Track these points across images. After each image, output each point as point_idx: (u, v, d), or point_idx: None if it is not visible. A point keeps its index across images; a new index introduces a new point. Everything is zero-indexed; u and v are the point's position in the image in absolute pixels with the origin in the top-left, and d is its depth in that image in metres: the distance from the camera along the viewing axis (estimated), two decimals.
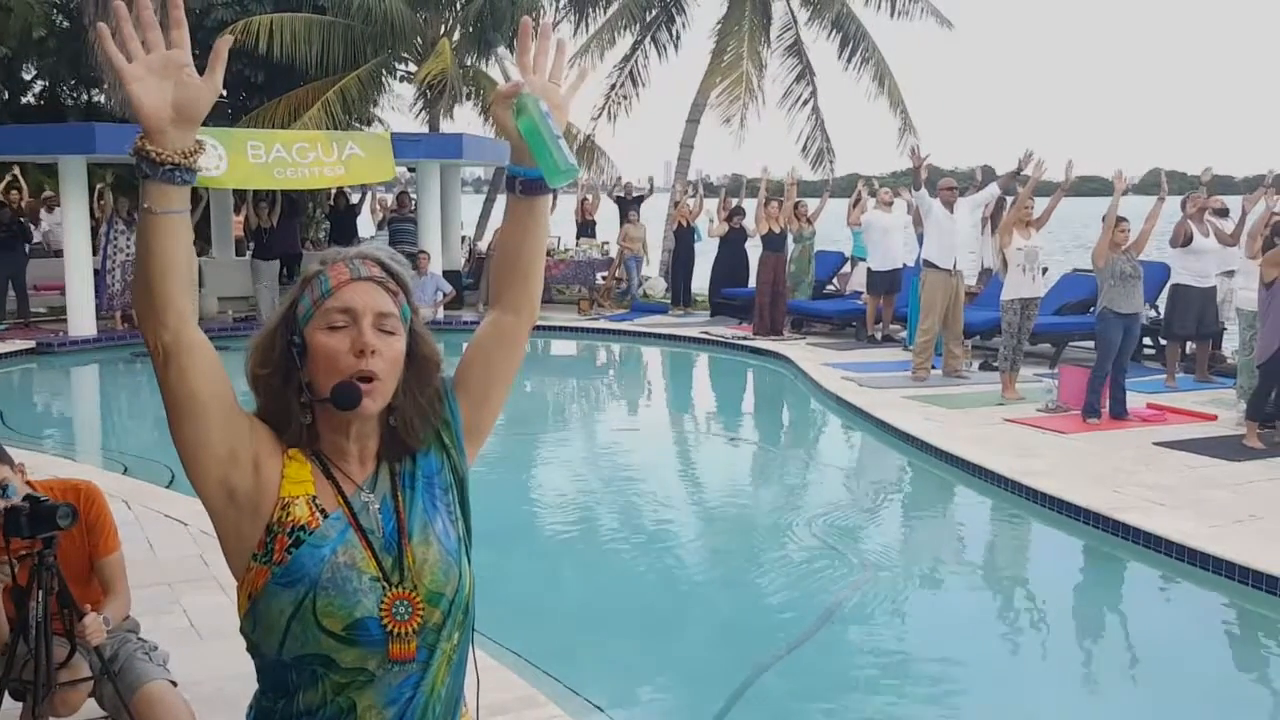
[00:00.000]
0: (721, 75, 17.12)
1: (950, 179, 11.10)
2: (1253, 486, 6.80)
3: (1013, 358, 9.59)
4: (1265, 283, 7.61)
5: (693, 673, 4.67)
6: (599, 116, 19.11)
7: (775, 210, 13.79)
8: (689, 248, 16.27)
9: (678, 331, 14.45)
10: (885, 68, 17.67)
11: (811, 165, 18.32)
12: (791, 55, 18.21)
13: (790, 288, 13.98)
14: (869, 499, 7.50)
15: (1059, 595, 5.84)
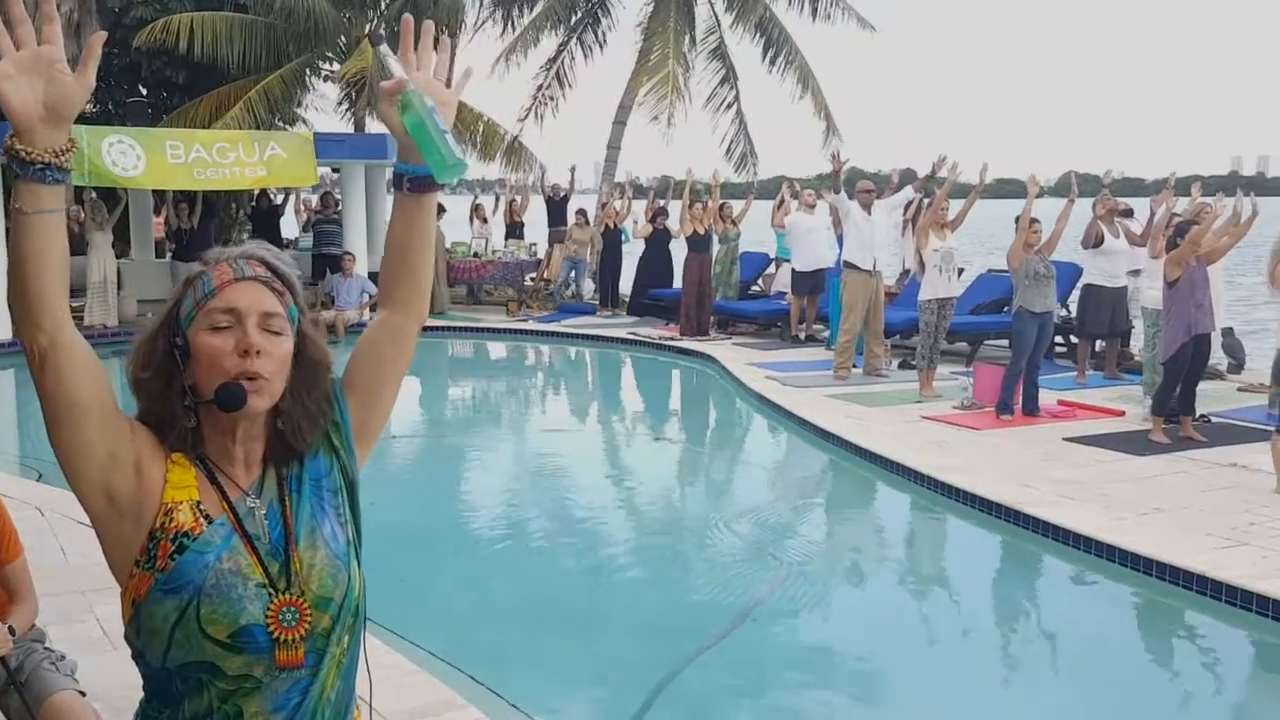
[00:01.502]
0: (648, 75, 17.20)
1: (868, 182, 11.30)
2: (1157, 480, 7.03)
3: (930, 356, 9.80)
4: (1168, 282, 7.87)
5: (614, 671, 4.71)
6: (525, 117, 19.10)
7: (700, 212, 13.92)
8: (616, 249, 16.35)
9: (605, 332, 14.50)
10: (808, 70, 17.88)
11: (735, 168, 18.50)
12: (716, 59, 18.36)
13: (715, 289, 14.14)
14: (790, 497, 7.62)
15: (973, 588, 5.97)
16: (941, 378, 10.24)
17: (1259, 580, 5.15)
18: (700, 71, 18.42)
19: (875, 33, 18.16)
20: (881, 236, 10.91)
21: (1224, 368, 10.67)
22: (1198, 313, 7.75)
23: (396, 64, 1.57)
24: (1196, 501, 6.52)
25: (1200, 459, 7.54)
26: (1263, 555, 5.52)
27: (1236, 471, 7.18)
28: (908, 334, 11.89)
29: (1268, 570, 5.29)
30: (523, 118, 19.20)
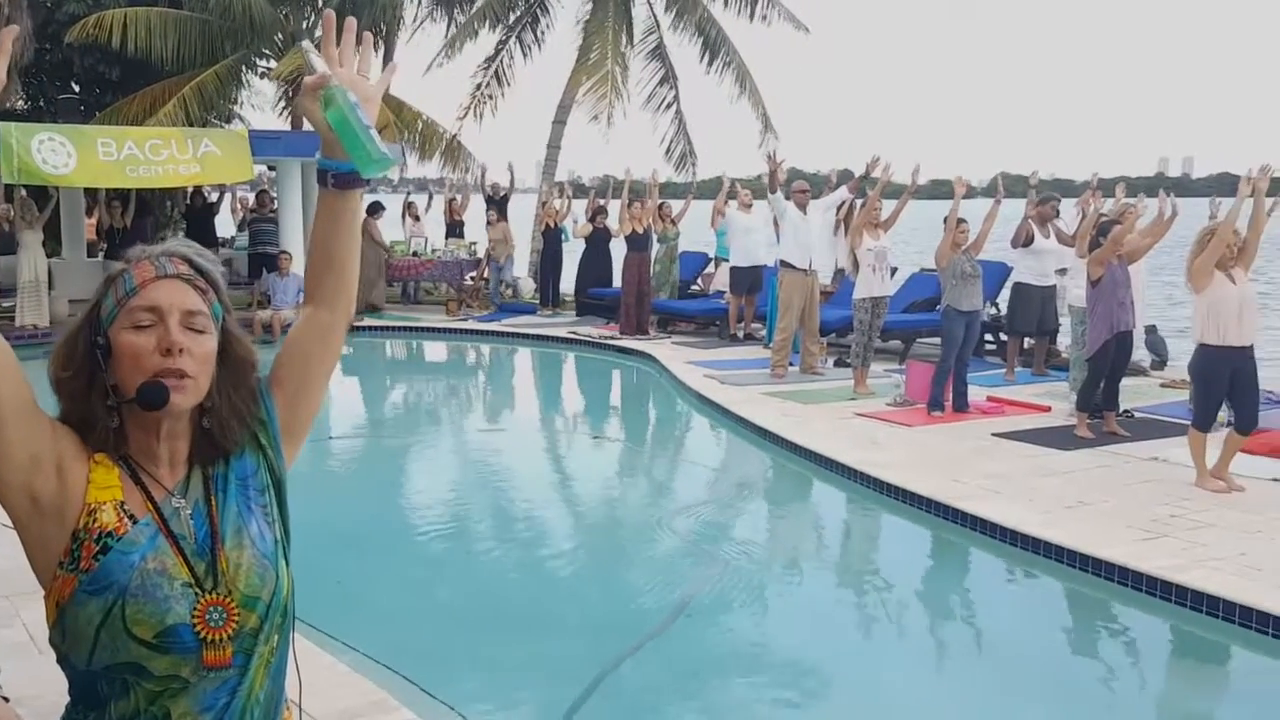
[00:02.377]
0: (587, 74, 17.23)
1: (803, 182, 11.43)
2: (1082, 474, 7.21)
3: (864, 354, 9.96)
4: (1091, 280, 8.08)
5: (551, 669, 4.72)
6: (464, 116, 19.04)
7: (639, 211, 13.99)
8: (557, 248, 16.36)
9: (546, 331, 14.52)
10: (746, 71, 18.02)
11: (675, 168, 18.58)
12: (655, 59, 18.43)
13: (655, 288, 14.22)
14: (727, 493, 7.70)
15: (905, 581, 6.07)
16: (875, 375, 10.40)
17: (1178, 571, 5.31)
18: (640, 71, 18.51)
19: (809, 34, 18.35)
20: (817, 236, 11.06)
21: (1147, 364, 10.97)
22: (1120, 310, 7.97)
23: (319, 60, 1.56)
24: (1119, 495, 6.70)
25: (1123, 453, 7.75)
26: (1182, 547, 5.70)
27: (1158, 465, 7.39)
28: (843, 332, 12.05)
29: (1186, 561, 5.45)
30: (461, 116, 19.14)
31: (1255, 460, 7.26)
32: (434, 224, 18.67)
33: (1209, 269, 6.64)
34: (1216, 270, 6.65)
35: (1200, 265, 6.67)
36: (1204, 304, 6.70)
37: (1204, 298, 6.69)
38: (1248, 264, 6.83)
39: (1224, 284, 6.64)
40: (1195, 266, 6.71)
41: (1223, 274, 6.66)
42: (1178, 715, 4.64)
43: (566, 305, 16.41)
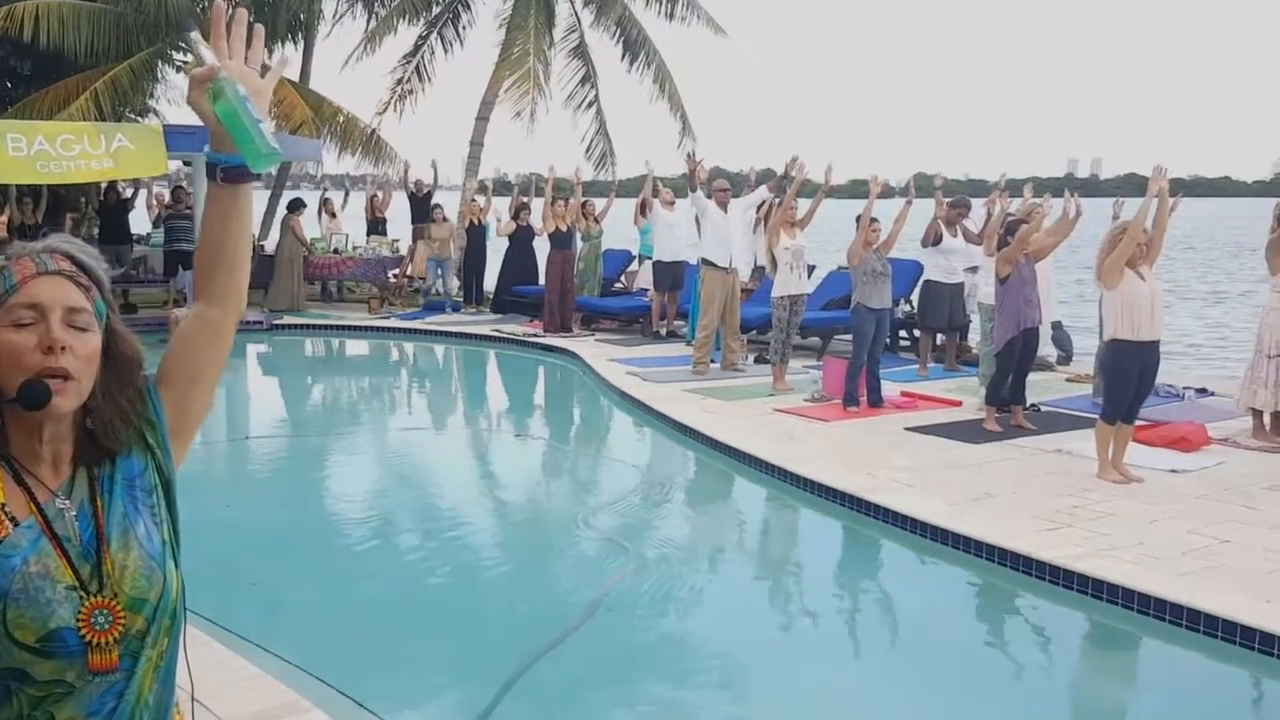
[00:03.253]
0: (509, 70, 17.20)
1: (724, 181, 11.57)
2: (990, 466, 7.41)
3: (782, 351, 10.12)
4: (999, 278, 8.31)
5: (469, 667, 4.73)
6: (384, 111, 18.87)
7: (562, 209, 14.02)
8: (480, 246, 16.33)
9: (469, 329, 14.48)
10: (666, 71, 18.12)
11: (595, 167, 18.61)
12: (576, 58, 18.42)
13: (579, 285, 14.27)
14: (648, 490, 7.75)
15: (820, 573, 6.20)
16: (794, 372, 10.58)
17: (1079, 560, 5.47)
18: (561, 70, 18.51)
19: (727, 37, 18.50)
20: (738, 235, 11.19)
21: (1054, 359, 11.29)
22: (1026, 307, 8.21)
23: (208, 52, 1.54)
24: (1025, 486, 6.90)
25: (1030, 446, 7.98)
26: (1084, 536, 5.88)
27: (1062, 457, 7.62)
28: (763, 329, 12.21)
29: (1088, 550, 5.63)
30: (381, 111, 18.96)
31: (1154, 452, 7.55)
32: (355, 221, 18.50)
33: (1120, 267, 6.84)
34: (1127, 268, 6.87)
35: (1112, 263, 6.87)
36: (1117, 301, 6.90)
37: (1116, 295, 6.89)
38: (1153, 261, 7.07)
39: (1135, 281, 6.85)
40: (1107, 265, 6.90)
41: (1133, 272, 6.88)
42: (1079, 699, 4.78)
43: (490, 303, 16.39)
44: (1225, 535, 5.88)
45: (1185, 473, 7.18)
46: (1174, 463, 7.35)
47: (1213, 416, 8.68)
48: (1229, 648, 4.74)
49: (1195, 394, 9.75)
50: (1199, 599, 4.94)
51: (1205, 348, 16.67)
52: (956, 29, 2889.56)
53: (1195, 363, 14.19)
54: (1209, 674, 4.72)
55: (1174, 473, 7.18)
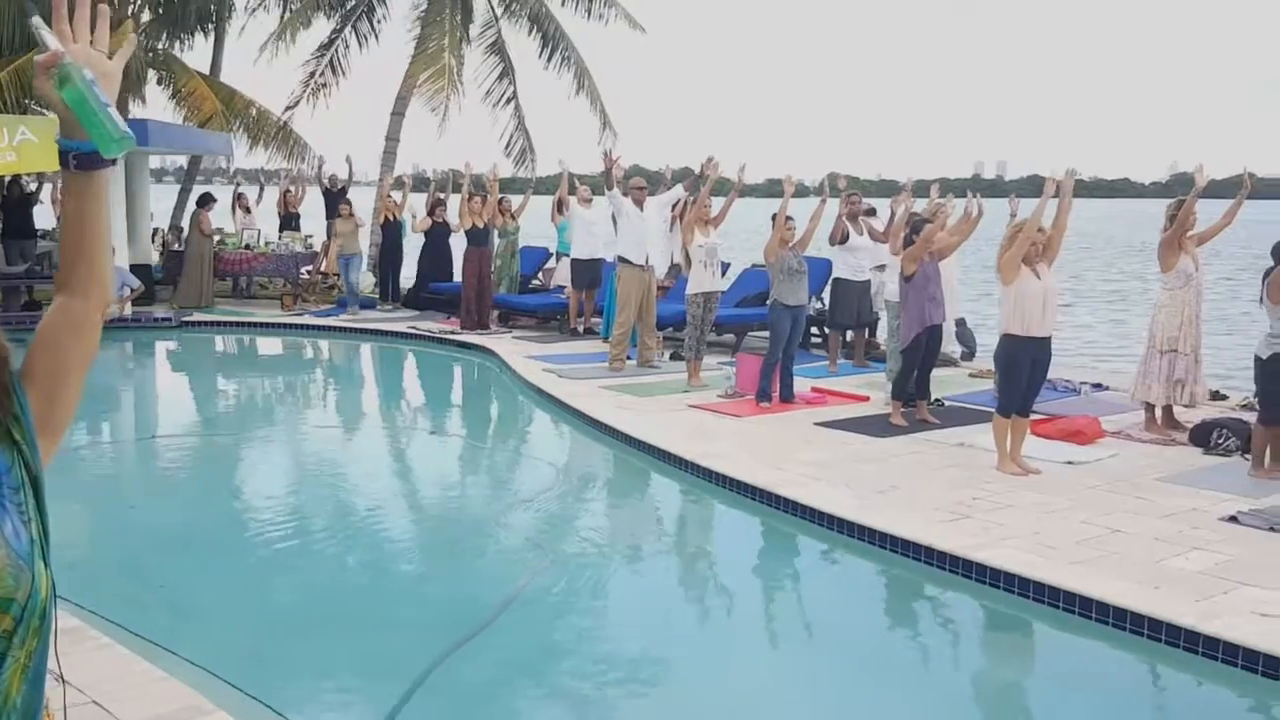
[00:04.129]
0: (424, 65, 17.11)
1: (640, 179, 11.66)
2: (895, 460, 7.60)
3: (697, 348, 10.24)
4: (904, 276, 8.53)
5: (378, 667, 4.72)
6: (296, 105, 18.63)
7: (478, 205, 13.98)
8: (396, 242, 16.20)
9: (385, 327, 14.39)
10: (584, 68, 18.17)
11: (514, 164, 18.60)
12: (494, 53, 18.39)
13: (496, 282, 14.25)
14: (563, 486, 7.78)
15: (731, 567, 6.30)
16: (709, 368, 10.71)
17: (977, 550, 5.64)
18: (478, 65, 18.46)
19: (646, 34, 18.62)
20: (654, 233, 11.29)
21: (958, 355, 11.59)
22: (930, 305, 8.43)
23: (51, 36, 1.50)
24: (928, 479, 7.09)
25: (933, 439, 8.20)
26: (982, 527, 6.06)
27: (964, 450, 7.84)
28: (679, 326, 12.33)
29: (985, 541, 5.81)
30: (293, 105, 18.72)
31: (1051, 445, 7.81)
32: (267, 216, 18.23)
33: (1016, 264, 7.06)
34: (1023, 265, 7.09)
35: (1008, 260, 7.09)
36: (1011, 297, 7.13)
37: (1011, 291, 7.11)
38: (1051, 260, 7.31)
39: (1030, 279, 7.08)
40: (1004, 261, 7.12)
41: (1029, 269, 7.11)
42: (978, 685, 4.93)
43: (406, 300, 16.28)
44: (1117, 525, 6.12)
45: (1081, 464, 7.45)
46: (1070, 455, 7.62)
47: (1108, 410, 9.00)
48: (1119, 633, 4.92)
49: (1091, 388, 10.10)
50: (1091, 586, 5.13)
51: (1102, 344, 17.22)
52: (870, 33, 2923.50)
53: (1093, 358, 14.66)
54: (1100, 659, 4.88)
55: (1070, 464, 7.43)
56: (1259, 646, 4.47)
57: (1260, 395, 7.27)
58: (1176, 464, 7.52)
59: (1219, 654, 4.58)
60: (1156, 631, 4.81)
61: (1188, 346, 8.04)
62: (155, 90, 18.53)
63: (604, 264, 13.24)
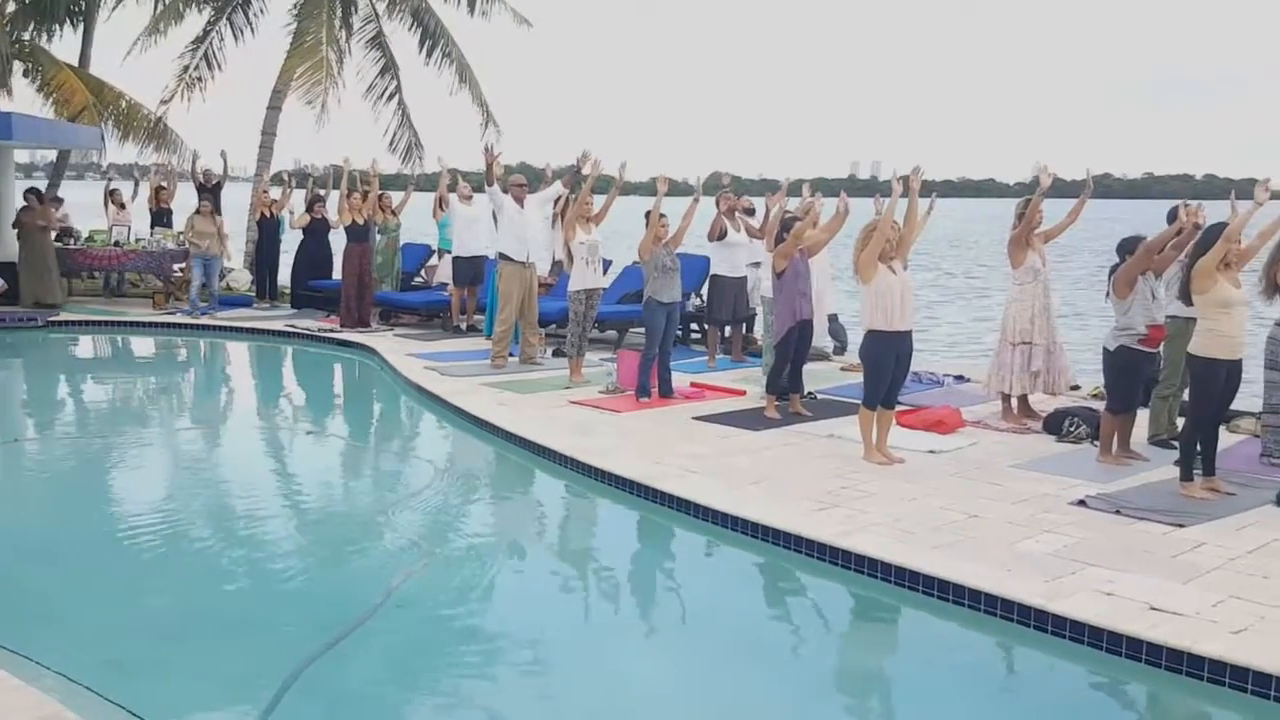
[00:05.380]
0: (302, 58, 16.85)
1: (520, 176, 11.70)
2: (768, 452, 7.80)
3: (579, 344, 10.34)
4: (776, 272, 8.76)
5: (252, 670, 4.67)
6: (170, 99, 18.15)
7: (357, 201, 13.83)
8: (273, 239, 15.92)
9: (262, 325, 14.14)
10: (466, 64, 18.10)
11: (401, 160, 18.44)
12: (374, 48, 18.20)
13: (377, 279, 14.13)
14: (443, 484, 7.75)
15: (612, 560, 6.38)
16: (591, 364, 10.81)
17: (843, 537, 5.85)
18: (360, 60, 18.24)
19: (532, 29, 18.64)
20: (535, 229, 11.33)
21: (830, 350, 11.92)
22: (801, 300, 8.67)
23: None
24: (800, 469, 7.30)
25: (805, 431, 8.44)
26: (848, 515, 6.28)
27: (833, 441, 8.10)
28: (562, 323, 12.40)
29: (852, 528, 6.01)
30: (167, 99, 18.23)
31: (915, 435, 8.12)
32: (139, 212, 17.70)
33: (873, 262, 7.33)
34: (880, 263, 7.36)
35: (865, 258, 7.34)
36: (871, 294, 7.39)
37: (871, 288, 7.37)
38: (905, 256, 7.59)
39: (887, 275, 7.35)
40: (862, 260, 7.37)
41: (885, 266, 7.38)
42: (842, 667, 5.08)
43: (284, 297, 16.01)
44: (974, 510, 6.40)
45: (942, 453, 7.76)
46: (932, 444, 7.93)
47: (967, 401, 9.38)
48: (974, 614, 5.15)
49: (954, 380, 10.51)
50: (947, 570, 5.36)
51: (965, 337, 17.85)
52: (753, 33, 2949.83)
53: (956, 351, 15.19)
54: (957, 639, 5.10)
55: (932, 453, 7.74)
56: (1102, 624, 4.72)
57: (1107, 385, 7.68)
58: (1030, 451, 7.89)
59: (1066, 632, 4.82)
60: (1009, 611, 5.03)
61: (1041, 338, 8.44)
62: (22, 83, 17.93)
63: (486, 261, 13.24)
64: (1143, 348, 7.41)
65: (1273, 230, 7.48)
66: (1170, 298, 7.61)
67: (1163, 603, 4.93)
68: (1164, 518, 6.23)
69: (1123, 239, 7.71)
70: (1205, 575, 5.33)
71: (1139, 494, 6.72)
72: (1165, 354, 7.79)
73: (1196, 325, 6.79)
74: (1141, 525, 6.15)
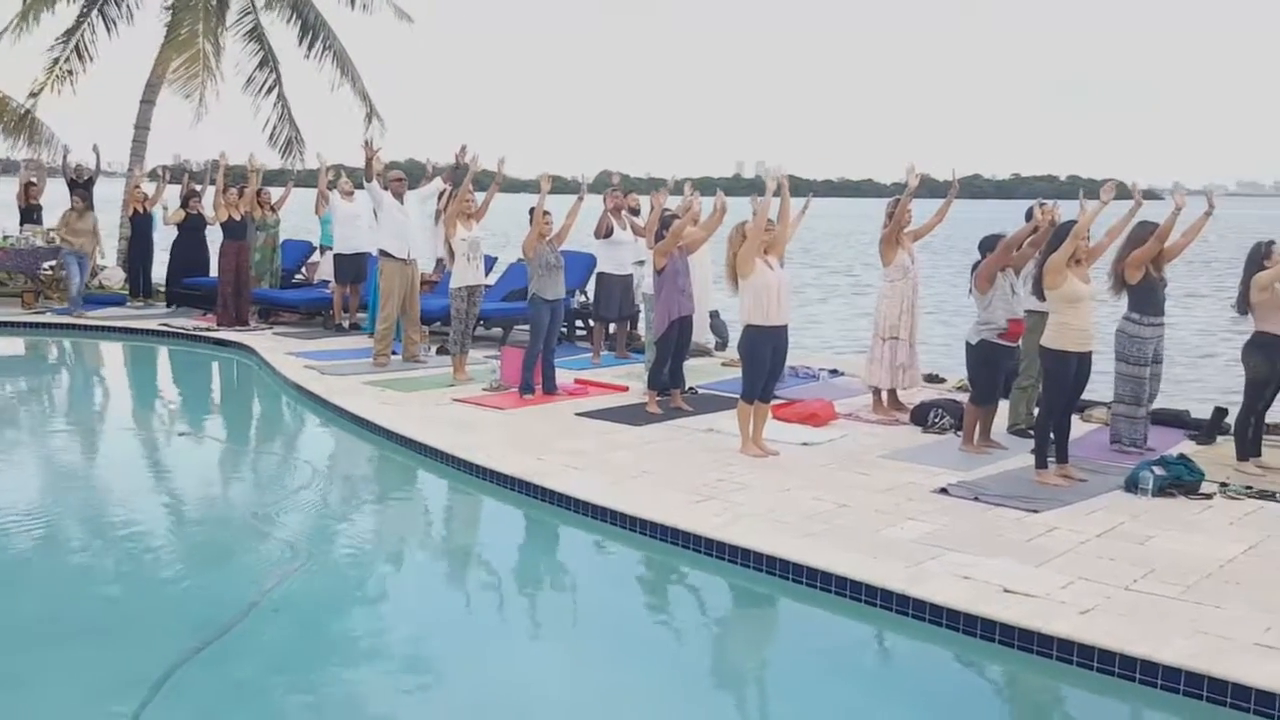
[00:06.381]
0: (178, 50, 16.44)
1: (399, 171, 11.62)
2: (649, 447, 7.91)
3: (461, 341, 10.33)
4: (656, 270, 8.89)
5: (116, 678, 4.56)
6: (40, 91, 17.50)
7: (234, 197, 13.55)
8: (146, 235, 15.49)
9: (136, 324, 13.76)
10: (347, 58, 17.86)
11: (281, 155, 18.09)
12: (253, 40, 17.81)
13: (255, 277, 13.86)
14: (322, 485, 7.67)
15: (494, 557, 6.40)
16: (475, 362, 10.79)
17: (719, 529, 5.97)
18: (238, 54, 17.85)
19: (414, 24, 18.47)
20: (416, 226, 11.26)
21: (711, 346, 12.11)
22: (680, 297, 8.82)
23: None
24: (679, 463, 7.42)
25: (686, 426, 8.58)
26: (725, 507, 6.41)
27: (712, 435, 8.25)
28: (446, 321, 12.35)
29: (727, 520, 6.15)
30: (36, 92, 17.57)
31: (790, 428, 8.33)
32: (6, 209, 17.05)
33: (751, 258, 7.47)
34: (757, 259, 7.51)
35: (744, 255, 7.48)
36: (749, 290, 7.52)
37: (749, 284, 7.50)
38: (780, 253, 7.76)
39: (765, 271, 7.50)
40: (740, 256, 7.51)
41: (763, 262, 7.54)
42: (718, 655, 5.21)
43: (159, 296, 15.61)
44: (844, 500, 6.60)
45: (815, 445, 7.98)
46: (806, 437, 8.15)
47: (841, 394, 9.66)
48: (841, 600, 5.32)
49: (829, 374, 10.80)
50: (816, 558, 5.52)
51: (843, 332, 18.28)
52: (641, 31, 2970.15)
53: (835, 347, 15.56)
54: (827, 624, 5.26)
55: (805, 446, 7.95)
56: (959, 606, 4.93)
57: (970, 378, 8.00)
58: (898, 442, 8.16)
59: (926, 615, 5.02)
60: (873, 597, 5.22)
61: (906, 333, 8.74)
62: None
63: (368, 258, 13.10)
64: (1003, 341, 7.74)
65: (1121, 228, 7.89)
66: (1027, 292, 7.95)
67: (1016, 585, 5.16)
68: (1020, 504, 6.52)
69: (983, 237, 8.03)
70: (1056, 558, 5.60)
71: (997, 481, 7.02)
72: (1024, 347, 8.12)
73: (1048, 319, 7.12)
74: (999, 511, 6.43)
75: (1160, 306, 7.91)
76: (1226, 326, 16.57)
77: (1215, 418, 8.41)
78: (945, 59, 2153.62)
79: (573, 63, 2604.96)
